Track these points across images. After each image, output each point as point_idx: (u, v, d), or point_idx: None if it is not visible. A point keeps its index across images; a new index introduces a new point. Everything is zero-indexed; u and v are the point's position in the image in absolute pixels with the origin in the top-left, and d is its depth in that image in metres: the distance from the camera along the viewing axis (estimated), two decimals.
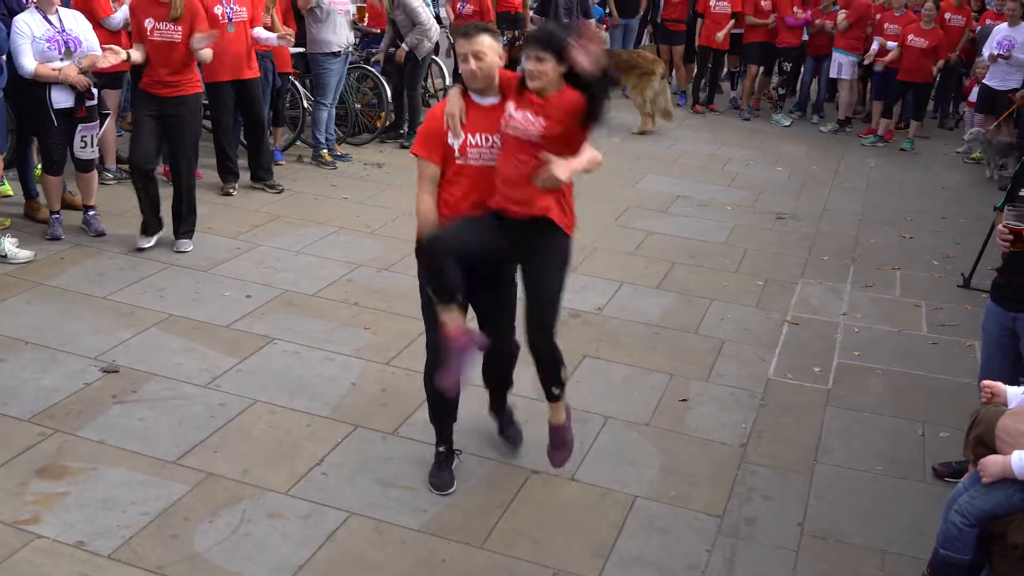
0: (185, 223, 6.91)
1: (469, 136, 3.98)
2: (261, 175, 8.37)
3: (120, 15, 7.55)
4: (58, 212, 6.93)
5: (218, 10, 7.58)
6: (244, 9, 7.80)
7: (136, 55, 6.50)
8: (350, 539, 3.95)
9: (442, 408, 4.33)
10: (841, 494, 4.46)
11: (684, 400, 5.23)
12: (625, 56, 11.63)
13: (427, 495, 4.26)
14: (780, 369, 5.66)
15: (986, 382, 2.71)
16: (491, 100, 4.02)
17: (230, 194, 8.13)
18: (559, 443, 4.34)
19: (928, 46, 11.04)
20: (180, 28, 6.52)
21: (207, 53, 6.68)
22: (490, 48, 3.95)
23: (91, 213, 7.04)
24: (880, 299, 6.83)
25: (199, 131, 7.05)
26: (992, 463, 2.41)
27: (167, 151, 7.10)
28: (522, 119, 3.88)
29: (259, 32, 7.96)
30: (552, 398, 4.23)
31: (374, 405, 4.96)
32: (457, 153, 3.99)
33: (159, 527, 3.93)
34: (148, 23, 6.49)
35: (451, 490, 4.30)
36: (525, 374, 4.43)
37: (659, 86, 11.39)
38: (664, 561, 3.95)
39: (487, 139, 3.99)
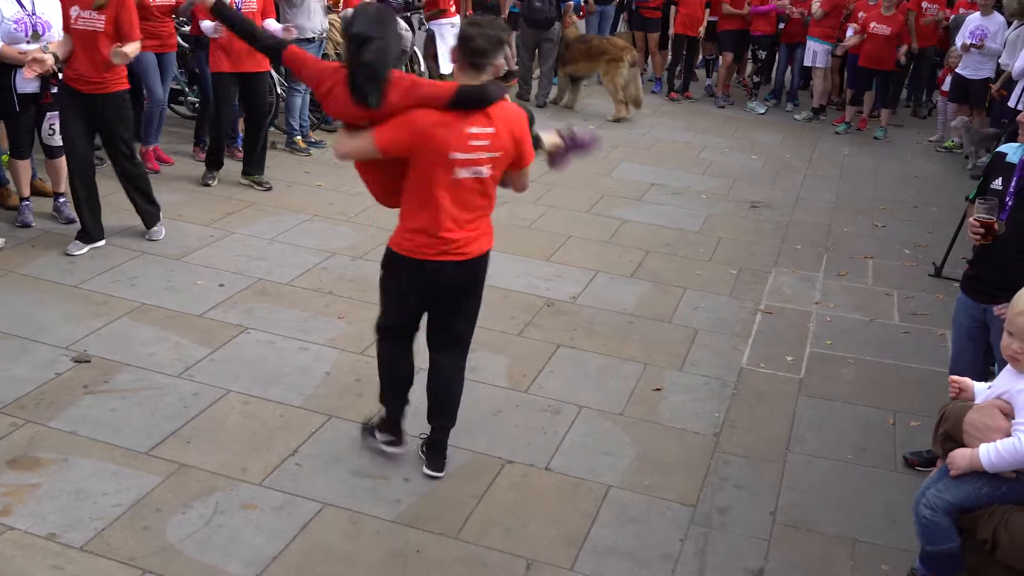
0: (148, 214, 6.76)
1: None
2: (251, 171, 8.14)
3: None
4: (28, 199, 6.85)
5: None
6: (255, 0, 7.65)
7: (62, 49, 6.19)
8: (324, 530, 3.95)
9: (393, 390, 4.39)
10: (813, 483, 4.50)
11: (658, 389, 5.25)
12: (595, 42, 11.71)
13: (401, 485, 4.26)
14: (753, 358, 5.69)
15: (953, 377, 2.73)
16: None
17: (208, 184, 8.00)
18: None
19: (891, 33, 11.11)
20: (103, 17, 6.11)
21: (121, 60, 6.28)
22: None
23: (61, 200, 6.97)
24: (852, 288, 6.88)
25: (131, 124, 6.66)
26: (960, 456, 2.44)
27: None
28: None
29: (270, 24, 7.77)
30: None
31: (348, 395, 4.95)
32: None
33: (131, 518, 3.91)
34: (73, 11, 6.14)
35: (404, 445, 4.40)
36: (499, 363, 4.44)
37: (629, 73, 11.44)
38: (637, 551, 3.97)
39: None
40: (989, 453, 2.38)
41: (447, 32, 10.88)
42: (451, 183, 3.86)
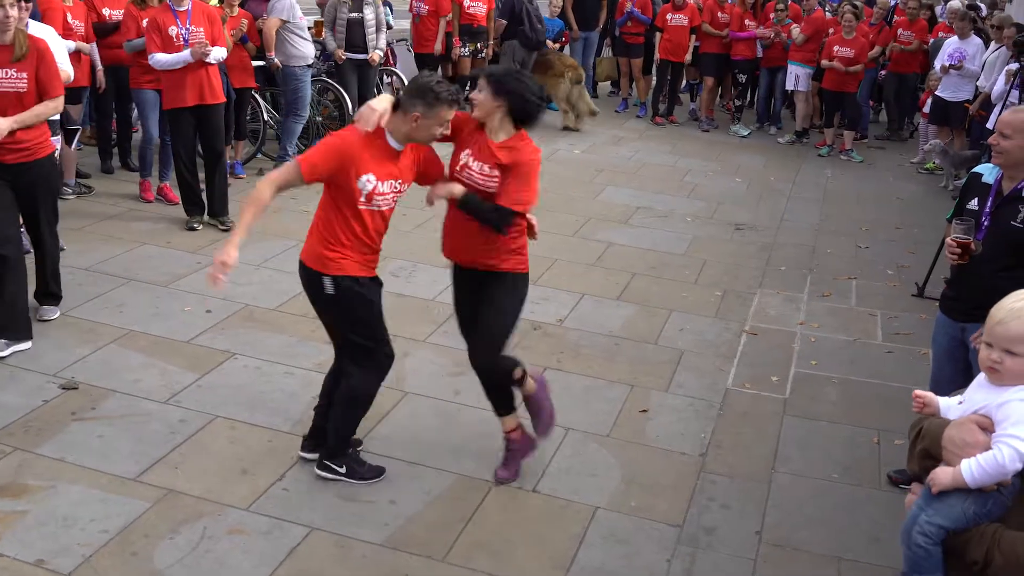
0: (50, 292, 5.95)
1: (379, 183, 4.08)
2: (216, 209, 7.79)
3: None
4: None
5: (173, 31, 7.17)
6: (201, 30, 7.29)
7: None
8: (311, 554, 3.96)
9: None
10: (798, 502, 4.53)
11: (644, 411, 5.28)
12: (547, 58, 12.41)
13: (389, 509, 4.28)
14: (738, 379, 5.73)
15: (917, 392, 2.75)
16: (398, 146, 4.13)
17: (195, 229, 7.58)
18: (535, 411, 4.57)
19: (852, 55, 11.26)
20: (25, 74, 5.36)
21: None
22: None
23: None
24: (836, 308, 6.93)
25: (58, 191, 6.24)
26: (942, 474, 2.46)
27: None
28: (479, 171, 4.12)
29: (218, 53, 7.44)
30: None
31: None
32: (363, 199, 4.09)
33: (119, 544, 3.91)
34: None
35: (385, 473, 4.48)
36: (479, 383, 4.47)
37: (575, 90, 12.19)
38: (624, 572, 3.99)
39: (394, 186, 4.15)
40: (972, 468, 2.40)
41: None
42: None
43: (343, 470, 4.42)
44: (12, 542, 3.88)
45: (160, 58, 7.18)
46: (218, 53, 7.43)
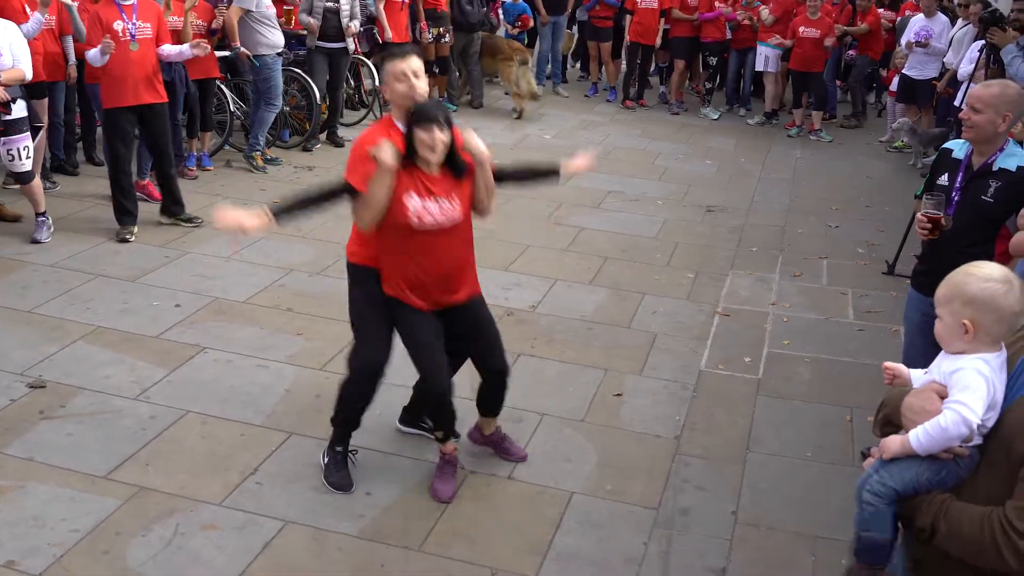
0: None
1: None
2: (173, 210, 7.52)
3: (34, 23, 7.30)
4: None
5: (118, 25, 6.89)
6: (149, 26, 7.05)
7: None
8: (287, 548, 3.93)
9: (353, 417, 4.39)
10: (773, 482, 4.55)
11: (618, 395, 5.28)
12: (495, 42, 12.48)
13: (364, 500, 4.25)
14: (712, 360, 5.74)
15: (887, 363, 2.76)
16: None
17: (127, 240, 7.11)
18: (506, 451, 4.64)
19: (819, 35, 11.31)
20: None
21: None
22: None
23: (40, 219, 7.01)
24: (808, 288, 6.96)
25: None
26: (891, 441, 2.47)
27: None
28: (438, 210, 3.94)
29: (167, 49, 7.31)
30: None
31: (309, 412, 4.93)
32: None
33: (91, 543, 3.87)
34: None
35: (352, 489, 4.31)
36: (461, 374, 4.44)
37: (519, 71, 12.18)
38: (601, 555, 3.99)
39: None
40: (918, 436, 2.42)
41: None
42: None
43: (325, 460, 4.41)
44: None
45: (93, 54, 6.92)
46: (169, 49, 7.32)
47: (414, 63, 3.97)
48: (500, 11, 13.66)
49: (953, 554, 2.33)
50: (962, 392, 2.37)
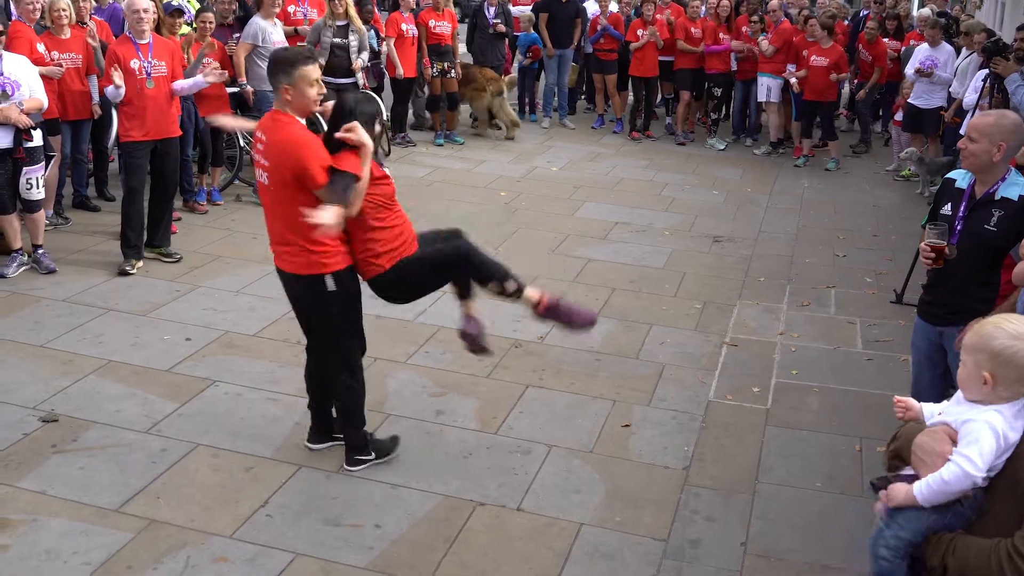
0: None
1: None
2: (157, 242, 7.54)
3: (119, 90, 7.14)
4: (20, 250, 7.12)
5: (135, 64, 7.06)
6: (164, 64, 7.22)
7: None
8: None
9: (362, 414, 4.72)
10: (782, 513, 4.55)
11: (627, 426, 5.29)
12: (471, 72, 12.63)
13: (373, 532, 4.26)
14: (720, 391, 5.75)
15: (898, 398, 2.78)
16: None
17: (128, 273, 7.16)
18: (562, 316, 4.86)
19: (829, 64, 11.35)
20: None
21: None
22: None
23: (40, 252, 7.12)
24: (816, 317, 6.97)
25: None
26: (897, 491, 2.49)
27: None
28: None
29: (181, 84, 7.41)
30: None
31: None
32: None
33: None
34: None
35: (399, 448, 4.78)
36: (469, 405, 4.46)
37: (496, 101, 12.58)
38: None
39: None
40: (922, 488, 2.44)
41: None
42: (260, 186, 4.51)
43: (372, 456, 4.72)
44: None
45: (112, 91, 7.05)
46: (182, 83, 7.43)
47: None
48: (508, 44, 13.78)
49: None
50: (969, 446, 2.38)
